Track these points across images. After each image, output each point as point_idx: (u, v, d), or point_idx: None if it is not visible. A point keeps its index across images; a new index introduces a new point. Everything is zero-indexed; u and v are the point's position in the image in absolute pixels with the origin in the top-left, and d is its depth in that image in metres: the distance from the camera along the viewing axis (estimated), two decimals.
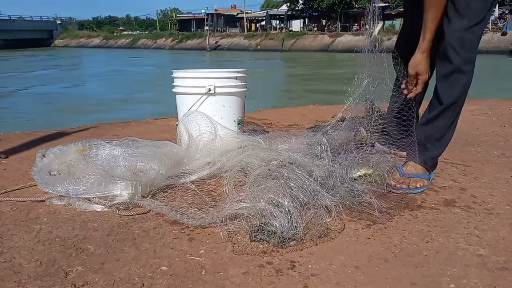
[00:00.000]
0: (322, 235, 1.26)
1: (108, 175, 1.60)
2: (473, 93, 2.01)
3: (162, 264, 1.13)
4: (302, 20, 42.72)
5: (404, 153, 1.87)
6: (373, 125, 1.81)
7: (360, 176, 1.61)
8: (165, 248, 1.22)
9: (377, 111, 1.82)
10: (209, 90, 2.04)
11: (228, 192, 1.51)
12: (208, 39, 40.86)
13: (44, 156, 1.86)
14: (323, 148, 1.72)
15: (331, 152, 1.70)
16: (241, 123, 2.22)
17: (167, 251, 1.20)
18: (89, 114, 7.76)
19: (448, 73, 1.59)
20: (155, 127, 3.00)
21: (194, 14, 56.41)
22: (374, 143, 1.97)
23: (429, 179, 1.69)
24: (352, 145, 1.77)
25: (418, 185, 1.63)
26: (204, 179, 1.76)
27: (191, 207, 1.45)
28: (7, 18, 55.42)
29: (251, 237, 1.24)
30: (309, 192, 1.35)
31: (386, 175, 1.63)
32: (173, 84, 2.19)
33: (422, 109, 1.83)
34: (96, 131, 2.87)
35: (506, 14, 29.14)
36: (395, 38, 1.98)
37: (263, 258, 1.16)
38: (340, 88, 1.88)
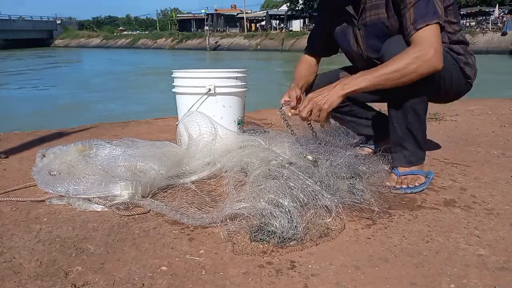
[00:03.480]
0: (322, 235, 1.26)
1: (108, 175, 1.60)
2: (474, 93, 2.02)
3: (162, 264, 1.13)
4: (302, 20, 42.73)
5: (367, 149, 2.01)
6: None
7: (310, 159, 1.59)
8: (165, 248, 1.22)
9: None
10: (209, 90, 2.04)
11: (228, 192, 1.51)
12: (208, 39, 40.89)
13: (44, 156, 1.87)
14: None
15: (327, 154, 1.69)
16: (241, 123, 2.22)
17: (167, 251, 1.20)
18: (88, 114, 7.76)
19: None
20: (155, 127, 3.01)
21: (194, 14, 56.53)
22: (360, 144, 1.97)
23: (428, 177, 1.68)
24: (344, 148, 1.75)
25: (417, 184, 1.63)
26: (204, 179, 1.76)
27: (191, 207, 1.45)
28: (7, 18, 55.50)
29: (251, 237, 1.24)
30: (309, 192, 1.35)
31: (384, 175, 1.62)
32: (173, 84, 2.19)
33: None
34: (96, 131, 2.88)
35: (506, 14, 29.17)
36: None
37: (263, 258, 1.16)
38: None
